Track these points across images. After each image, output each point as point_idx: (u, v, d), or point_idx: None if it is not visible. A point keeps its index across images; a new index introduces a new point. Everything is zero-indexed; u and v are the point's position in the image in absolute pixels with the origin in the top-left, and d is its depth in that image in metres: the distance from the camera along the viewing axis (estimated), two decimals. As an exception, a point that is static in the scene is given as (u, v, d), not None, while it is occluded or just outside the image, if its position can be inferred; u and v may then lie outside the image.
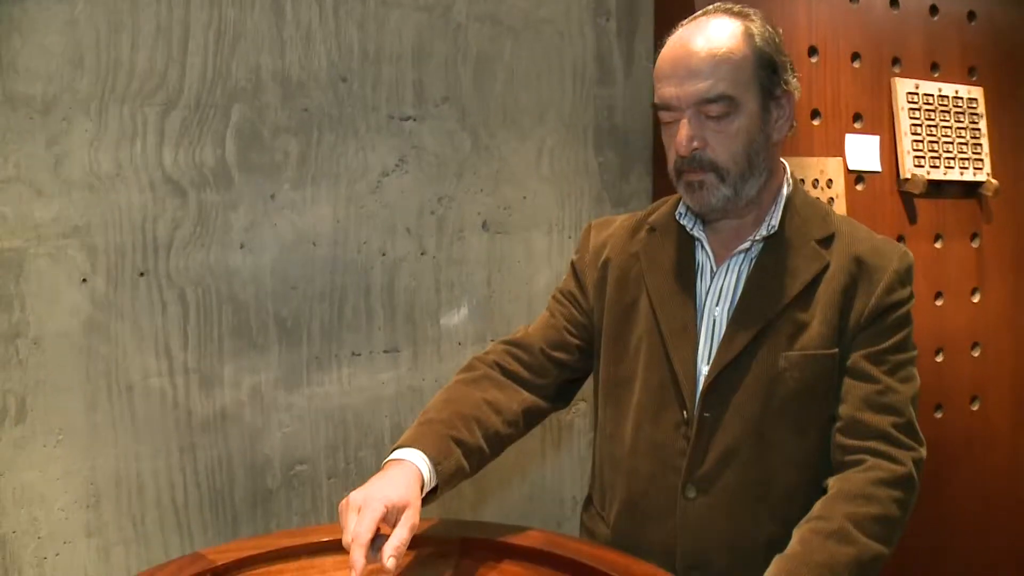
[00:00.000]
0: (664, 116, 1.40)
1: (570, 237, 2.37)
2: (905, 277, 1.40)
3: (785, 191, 1.43)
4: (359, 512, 1.22)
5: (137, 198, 1.86)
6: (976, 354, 2.33)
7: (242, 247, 1.97)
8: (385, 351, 2.15)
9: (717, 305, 1.42)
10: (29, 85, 1.74)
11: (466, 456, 1.39)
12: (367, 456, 2.15)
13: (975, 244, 2.31)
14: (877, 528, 1.27)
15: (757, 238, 1.41)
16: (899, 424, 1.34)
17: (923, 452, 1.35)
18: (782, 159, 1.45)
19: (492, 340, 2.25)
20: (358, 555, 1.17)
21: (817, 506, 1.31)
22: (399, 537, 1.21)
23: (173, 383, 1.92)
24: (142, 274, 1.87)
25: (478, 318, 2.26)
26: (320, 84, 2.03)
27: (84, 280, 1.82)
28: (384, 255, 2.13)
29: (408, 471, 1.31)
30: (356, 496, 1.24)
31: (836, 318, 1.36)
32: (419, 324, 2.19)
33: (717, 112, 1.34)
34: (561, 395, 1.59)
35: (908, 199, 2.25)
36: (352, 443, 2.13)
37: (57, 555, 1.82)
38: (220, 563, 1.41)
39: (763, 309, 1.38)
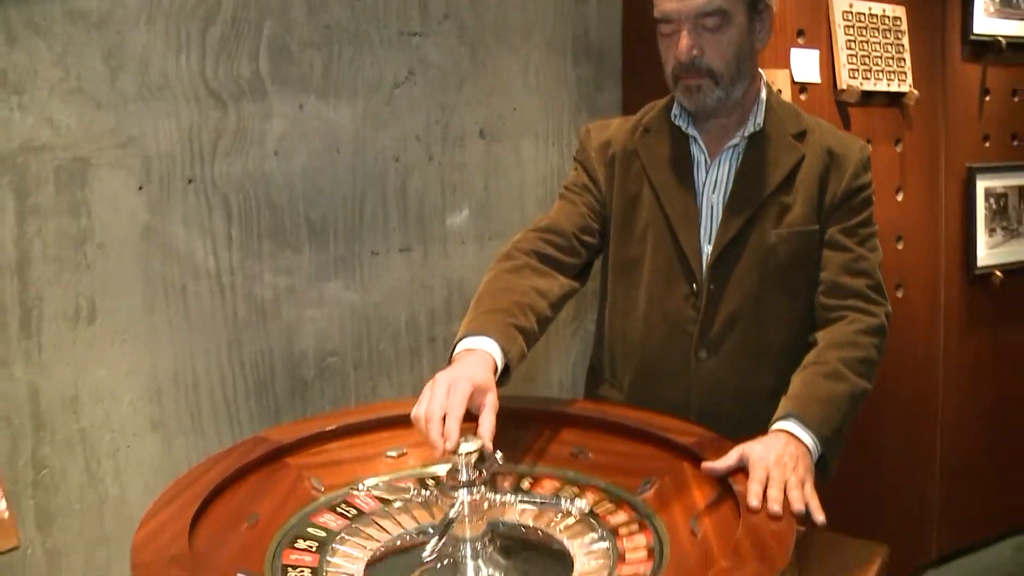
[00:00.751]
0: (664, 28, 1.59)
1: (553, 144, 2.59)
2: (867, 164, 1.67)
3: (763, 94, 1.68)
4: (448, 389, 1.31)
5: (184, 109, 1.96)
6: (900, 246, 2.71)
7: (276, 154, 2.10)
8: (400, 250, 2.33)
9: (713, 193, 1.66)
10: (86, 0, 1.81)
11: (526, 341, 1.54)
12: (387, 348, 2.34)
13: (898, 148, 2.67)
14: (863, 368, 1.56)
15: (745, 135, 1.65)
16: (871, 285, 1.63)
17: (890, 307, 1.65)
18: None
19: (489, 239, 2.48)
20: (453, 426, 1.26)
21: (811, 355, 1.58)
22: (489, 421, 1.32)
23: (220, 283, 2.05)
24: (190, 181, 1.98)
25: (477, 218, 2.47)
26: (339, 0, 2.15)
27: (140, 188, 1.92)
28: (397, 161, 2.30)
29: (483, 357, 1.42)
30: (443, 376, 1.33)
31: (815, 199, 1.63)
32: (428, 225, 2.38)
33: (712, 24, 1.54)
34: (583, 276, 1.77)
35: (843, 107, 2.57)
36: (373, 336, 2.32)
37: (128, 447, 1.95)
38: (284, 443, 1.54)
39: (753, 195, 1.63)
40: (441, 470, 1.34)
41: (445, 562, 1.29)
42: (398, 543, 1.37)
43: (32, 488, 1.82)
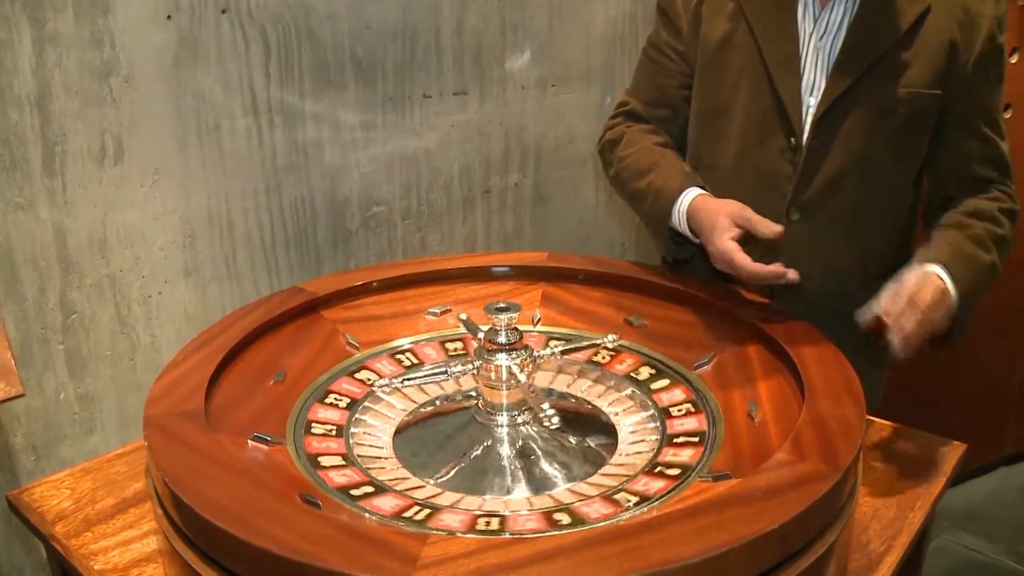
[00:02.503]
0: None
1: (627, -22, 2.34)
2: (1003, 22, 1.45)
3: None
4: (719, 234, 1.37)
5: (216, -74, 1.76)
6: (1007, 115, 2.44)
7: (319, -18, 1.90)
8: (454, 93, 2.14)
9: (821, 40, 1.46)
10: None
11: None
12: (438, 198, 2.20)
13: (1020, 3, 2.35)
14: (1002, 247, 1.43)
15: None
16: (1007, 175, 1.48)
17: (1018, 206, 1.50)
18: None
19: (552, 86, 2.27)
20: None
21: (951, 216, 1.45)
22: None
23: (258, 122, 1.90)
24: (224, 11, 1.80)
25: (539, 62, 2.26)
26: None
27: (168, 17, 1.75)
28: (454, -7, 2.08)
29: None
30: (711, 234, 1.39)
31: (942, 61, 1.42)
32: (486, 67, 2.18)
33: None
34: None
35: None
36: (424, 185, 2.17)
37: (160, 294, 1.86)
38: (320, 295, 1.46)
39: (872, 45, 1.43)
40: (481, 332, 1.25)
41: (481, 446, 1.20)
42: (433, 407, 1.28)
43: (62, 333, 1.75)
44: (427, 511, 1.05)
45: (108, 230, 1.77)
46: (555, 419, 1.14)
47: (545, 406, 1.15)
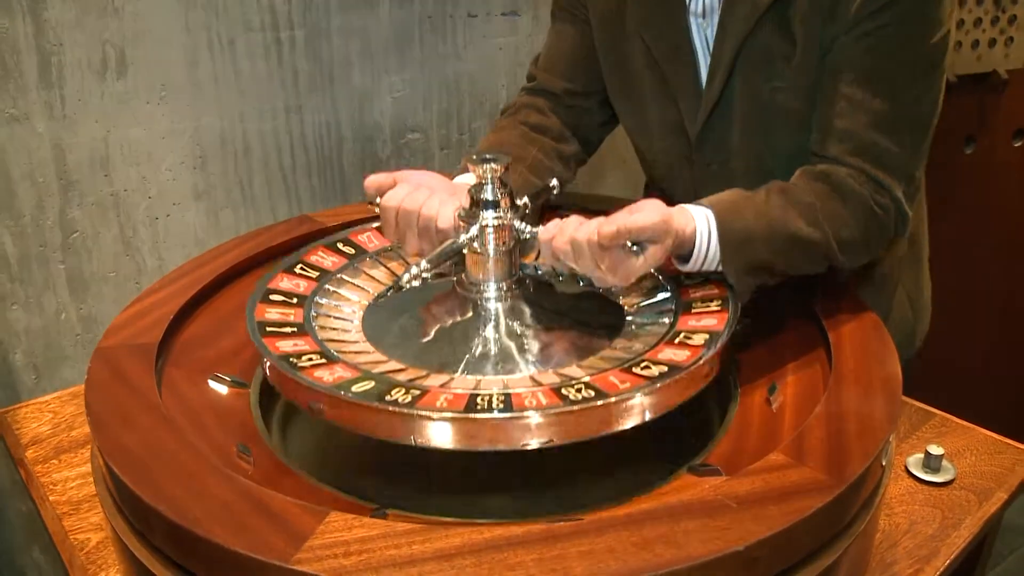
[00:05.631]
0: None
1: None
2: None
3: None
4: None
5: None
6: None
7: None
8: (503, 13, 1.94)
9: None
10: None
11: None
12: (481, 127, 2.02)
13: None
14: (827, 226, 1.11)
15: None
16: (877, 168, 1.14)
17: (904, 204, 1.16)
18: None
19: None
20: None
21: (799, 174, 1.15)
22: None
23: (278, 38, 1.75)
24: (241, -90, 1.64)
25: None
26: None
27: (177, -85, 1.60)
28: (508, -101, 1.86)
29: None
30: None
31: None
32: (542, -17, 1.96)
33: None
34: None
35: None
36: (465, 112, 1.99)
37: (168, 216, 1.76)
38: (329, 225, 1.37)
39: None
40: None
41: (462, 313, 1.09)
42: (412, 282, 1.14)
43: (62, 252, 1.68)
44: (415, 392, 0.92)
45: (111, 147, 1.66)
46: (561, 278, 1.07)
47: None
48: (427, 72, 1.91)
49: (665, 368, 0.95)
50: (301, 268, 1.18)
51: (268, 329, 1.03)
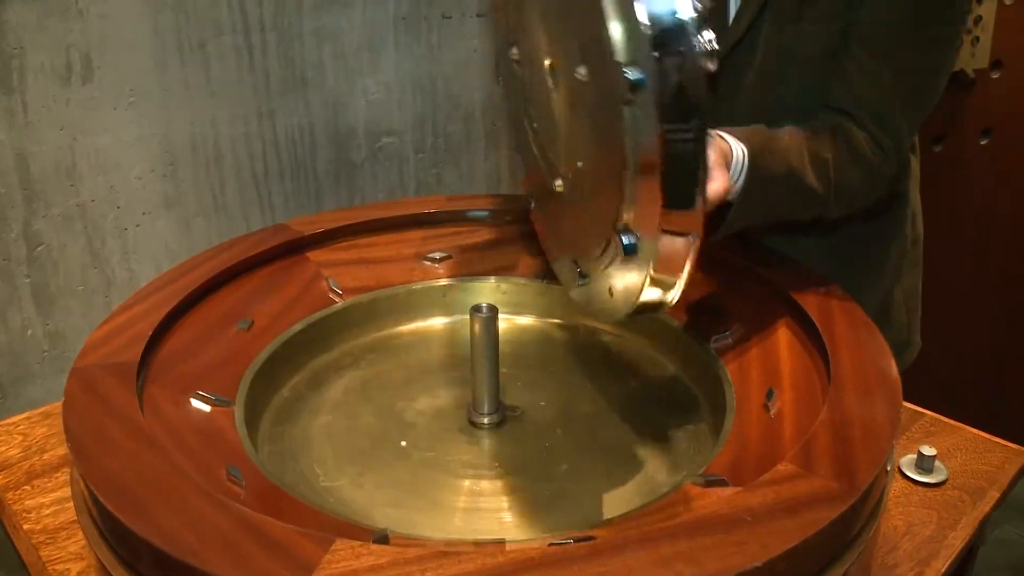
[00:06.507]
0: None
1: None
2: None
3: None
4: None
5: None
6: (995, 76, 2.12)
7: None
8: (478, 15, 1.91)
9: None
10: None
11: None
12: (456, 131, 1.98)
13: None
14: (825, 173, 1.13)
15: None
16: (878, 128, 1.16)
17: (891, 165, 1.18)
18: None
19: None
20: None
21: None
22: None
23: (248, 41, 1.70)
24: (210, -91, 1.59)
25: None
26: None
27: (144, -86, 1.55)
28: None
29: None
30: None
31: None
32: (517, -17, 1.93)
33: None
34: None
35: None
36: (441, 115, 1.95)
37: (138, 226, 1.70)
38: (306, 234, 1.33)
39: None
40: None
41: None
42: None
43: (27, 265, 1.61)
44: None
45: (77, 155, 1.60)
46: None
47: None
48: (401, 75, 1.87)
49: None
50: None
51: None
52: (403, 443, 1.07)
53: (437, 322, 1.29)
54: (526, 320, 1.27)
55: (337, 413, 1.13)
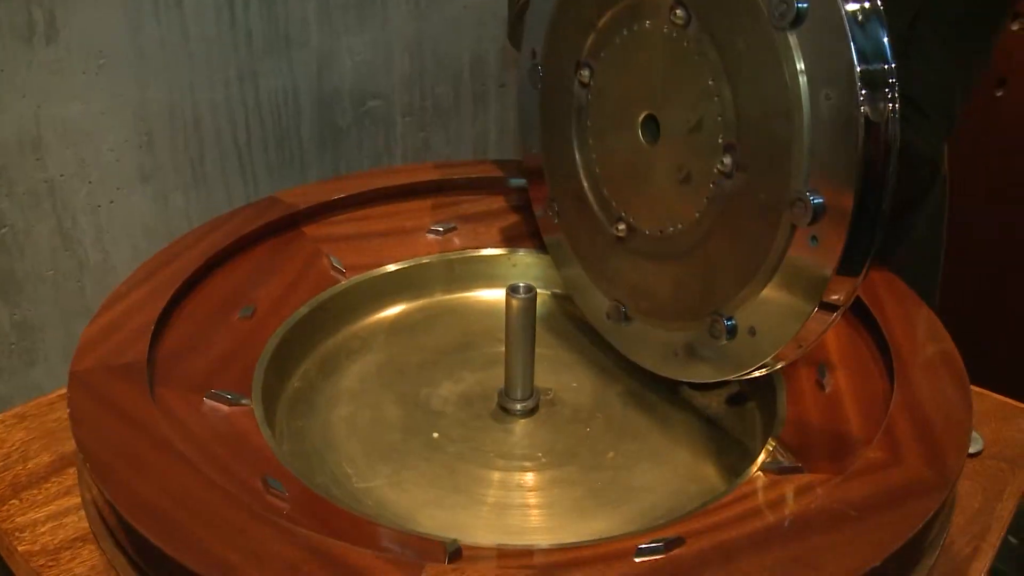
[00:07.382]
0: None
1: None
2: None
3: None
4: None
5: None
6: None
7: None
8: (469, -33, 1.79)
9: None
10: None
11: None
12: (445, 92, 1.87)
13: None
14: None
15: None
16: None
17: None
18: None
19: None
20: None
21: None
22: None
23: (228, -2, 1.57)
24: None
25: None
26: None
27: None
28: None
29: None
30: None
31: None
32: (508, -66, 1.81)
33: None
34: None
35: None
36: (429, 76, 1.84)
37: (111, 203, 1.56)
38: (301, 207, 1.24)
39: None
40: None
41: None
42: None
43: (-10, 249, 1.48)
44: None
45: (43, 126, 1.45)
46: None
47: None
48: (388, 33, 1.75)
49: None
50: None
51: None
52: (435, 435, 0.99)
53: (448, 298, 1.23)
54: (542, 294, 1.19)
55: (357, 403, 1.05)
